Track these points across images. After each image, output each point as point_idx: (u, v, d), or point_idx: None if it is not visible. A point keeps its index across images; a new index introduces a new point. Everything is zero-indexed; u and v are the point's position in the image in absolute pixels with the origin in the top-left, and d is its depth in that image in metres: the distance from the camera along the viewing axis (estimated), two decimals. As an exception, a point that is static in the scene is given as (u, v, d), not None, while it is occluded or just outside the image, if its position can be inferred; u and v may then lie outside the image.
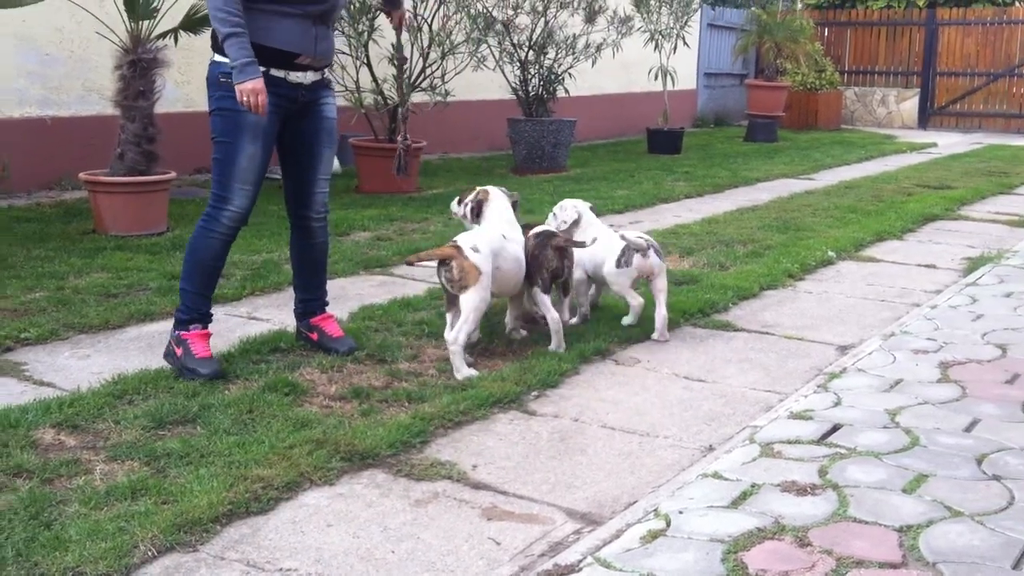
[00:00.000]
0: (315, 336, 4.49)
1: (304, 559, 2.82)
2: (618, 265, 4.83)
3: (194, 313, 4.18)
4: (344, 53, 9.04)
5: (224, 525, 2.96)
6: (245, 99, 3.93)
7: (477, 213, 4.71)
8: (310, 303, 4.55)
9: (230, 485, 3.11)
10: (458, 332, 4.23)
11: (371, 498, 3.20)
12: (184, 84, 8.91)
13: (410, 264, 4.52)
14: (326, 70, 4.33)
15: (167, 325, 4.43)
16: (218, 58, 4.07)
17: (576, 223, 5.02)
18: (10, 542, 2.75)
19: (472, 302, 4.23)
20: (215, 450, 3.39)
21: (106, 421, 3.62)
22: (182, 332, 4.14)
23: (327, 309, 4.59)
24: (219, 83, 4.06)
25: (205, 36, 6.71)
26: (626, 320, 5.02)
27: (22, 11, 7.43)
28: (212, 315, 4.29)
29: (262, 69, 3.99)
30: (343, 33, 8.88)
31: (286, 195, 4.44)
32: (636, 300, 4.92)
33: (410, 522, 3.06)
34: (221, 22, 3.93)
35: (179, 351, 4.10)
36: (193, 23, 6.97)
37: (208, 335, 4.19)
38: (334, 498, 3.18)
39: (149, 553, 2.76)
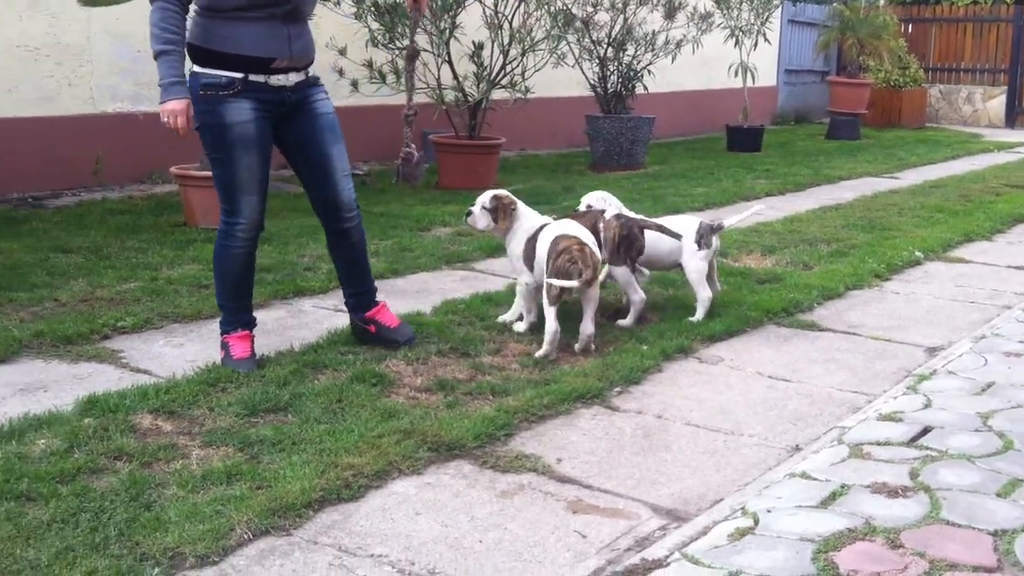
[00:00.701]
0: (372, 329, 4.45)
1: (394, 546, 2.87)
2: (699, 247, 4.92)
3: (235, 324, 4.23)
4: (426, 50, 9.12)
5: (316, 511, 3.03)
6: (165, 119, 3.91)
7: (506, 215, 4.70)
8: (361, 296, 4.49)
9: (321, 472, 3.18)
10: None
11: (458, 488, 3.24)
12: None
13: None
14: (310, 69, 4.21)
15: (259, 315, 4.51)
16: (197, 69, 4.00)
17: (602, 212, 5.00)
18: (112, 522, 2.85)
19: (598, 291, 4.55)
20: (306, 438, 3.46)
21: (201, 408, 3.72)
22: (224, 336, 4.23)
23: (379, 298, 4.54)
24: (199, 97, 3.97)
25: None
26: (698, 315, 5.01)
27: (116, 9, 7.64)
28: (254, 319, 4.33)
29: (239, 76, 3.95)
30: (424, 31, 8.96)
31: (312, 203, 4.35)
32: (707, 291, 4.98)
33: (497, 512, 3.09)
34: (153, 39, 3.87)
35: (222, 354, 4.21)
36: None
37: (248, 336, 4.23)
38: (422, 487, 3.23)
39: (245, 536, 2.84)
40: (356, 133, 9.57)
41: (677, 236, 4.87)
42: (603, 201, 5.09)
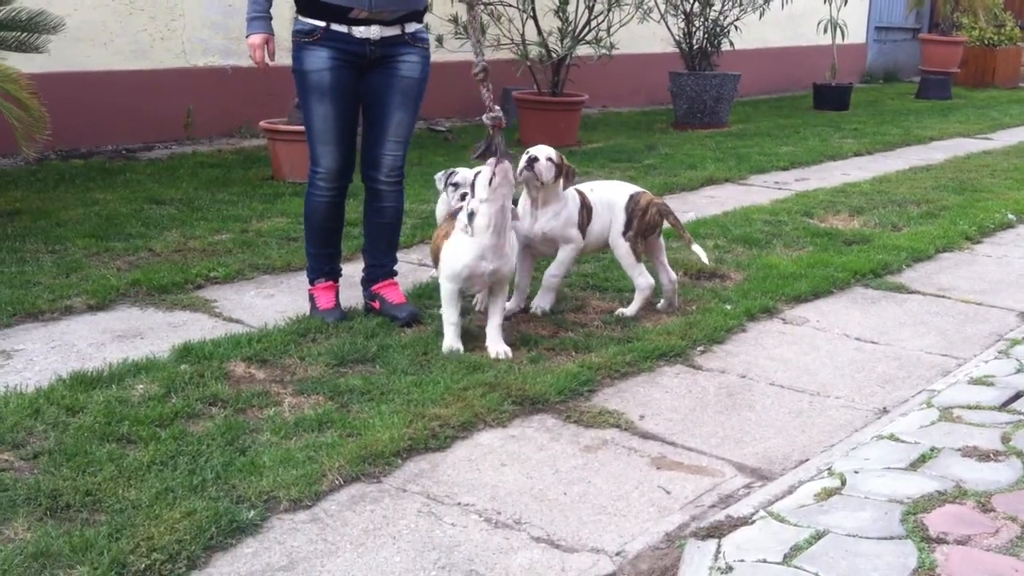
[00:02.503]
0: (376, 304, 4.32)
1: (480, 495, 2.93)
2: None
3: (319, 272, 4.32)
4: (510, 5, 9.09)
5: (404, 459, 3.09)
6: (250, 54, 4.14)
7: (569, 177, 4.31)
8: (375, 269, 4.39)
9: (409, 422, 3.25)
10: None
11: (542, 441, 3.28)
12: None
13: None
14: (411, 25, 4.13)
15: (346, 268, 4.58)
16: (300, 18, 4.10)
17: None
18: (209, 465, 2.95)
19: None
20: (394, 388, 3.53)
21: (292, 357, 3.81)
22: (310, 287, 4.34)
23: (394, 277, 4.43)
24: (293, 43, 4.12)
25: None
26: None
27: (207, -36, 7.75)
28: (340, 269, 4.40)
29: (322, 24, 4.01)
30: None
31: (360, 156, 4.31)
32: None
33: (580, 466, 3.13)
34: None
35: (309, 305, 4.30)
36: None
37: (332, 286, 4.32)
38: (507, 439, 3.28)
39: (336, 482, 2.92)
40: (440, 89, 9.60)
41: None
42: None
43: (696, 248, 4.51)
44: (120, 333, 4.11)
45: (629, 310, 4.44)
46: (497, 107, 4.01)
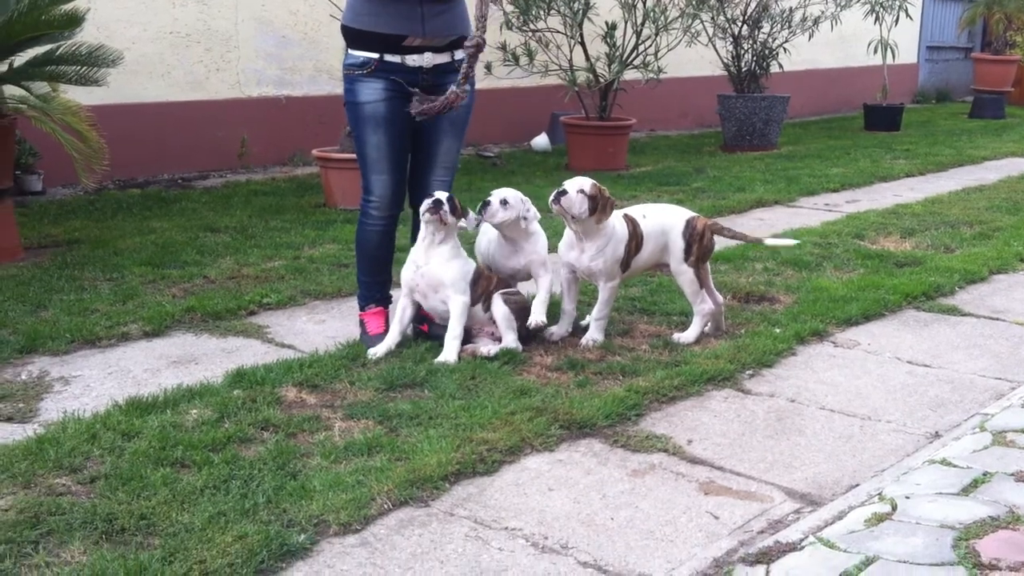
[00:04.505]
0: (425, 328, 4.32)
1: (528, 520, 2.94)
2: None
3: (369, 299, 4.38)
4: (558, 32, 9.15)
5: (452, 484, 3.11)
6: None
7: (606, 208, 4.19)
8: None
9: (457, 446, 3.27)
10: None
11: (589, 466, 3.29)
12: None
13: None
14: (459, 52, 4.13)
15: (396, 294, 4.64)
16: (351, 52, 4.16)
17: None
18: (260, 489, 2.99)
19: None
20: (442, 413, 3.56)
21: (342, 382, 3.86)
22: (360, 313, 4.39)
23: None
24: (344, 77, 4.19)
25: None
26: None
27: (260, -4, 7.92)
28: (390, 296, 4.43)
29: (375, 56, 4.06)
30: (558, 12, 8.98)
31: (408, 183, 4.36)
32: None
33: (628, 491, 3.13)
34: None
35: (360, 331, 4.35)
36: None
37: (383, 312, 4.36)
38: (554, 464, 3.29)
39: (385, 506, 2.95)
40: (488, 115, 9.71)
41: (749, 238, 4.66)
42: (522, 203, 4.34)
43: (772, 241, 4.77)
44: (175, 359, 4.19)
45: (688, 336, 4.41)
46: (466, 86, 4.06)
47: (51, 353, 4.18)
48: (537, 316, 4.21)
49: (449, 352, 4.07)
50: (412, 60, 4.11)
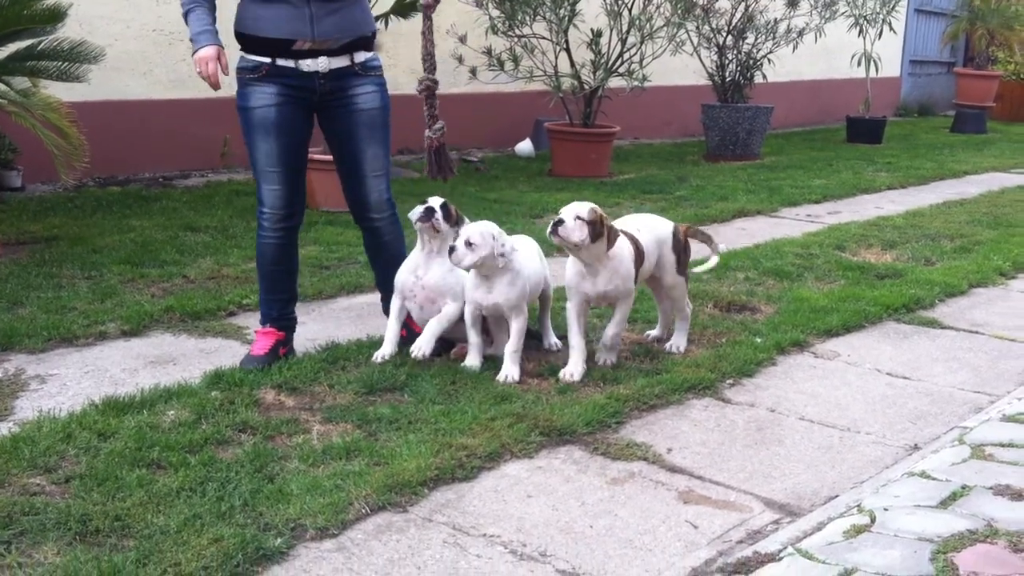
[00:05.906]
0: (404, 333, 4.19)
1: (506, 527, 2.92)
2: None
3: (267, 317, 4.13)
4: (543, 38, 9.15)
5: (431, 489, 3.10)
6: (198, 70, 3.78)
7: (610, 237, 3.98)
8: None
9: (436, 451, 3.25)
10: None
11: (569, 473, 3.28)
12: (392, 67, 9.19)
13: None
14: (360, 55, 3.99)
15: (375, 298, 4.62)
16: (244, 55, 3.93)
17: None
18: (237, 492, 2.97)
19: None
20: (422, 417, 3.54)
21: (321, 385, 3.84)
22: (256, 328, 4.19)
23: None
24: (237, 79, 3.94)
25: (414, 21, 6.95)
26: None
27: (245, -4, 7.86)
28: (293, 316, 4.21)
29: (267, 60, 3.84)
30: (544, 18, 8.98)
31: (345, 196, 4.20)
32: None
33: (607, 499, 3.12)
34: (182, 3, 3.86)
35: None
36: (404, 7, 7.23)
37: (272, 335, 4.09)
38: (533, 471, 3.28)
39: (363, 511, 2.93)
40: (473, 120, 9.71)
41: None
42: (493, 239, 3.98)
43: (717, 252, 4.63)
44: (153, 359, 4.16)
45: (682, 344, 4.41)
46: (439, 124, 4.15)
47: (27, 351, 4.14)
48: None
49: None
50: (306, 65, 3.88)
